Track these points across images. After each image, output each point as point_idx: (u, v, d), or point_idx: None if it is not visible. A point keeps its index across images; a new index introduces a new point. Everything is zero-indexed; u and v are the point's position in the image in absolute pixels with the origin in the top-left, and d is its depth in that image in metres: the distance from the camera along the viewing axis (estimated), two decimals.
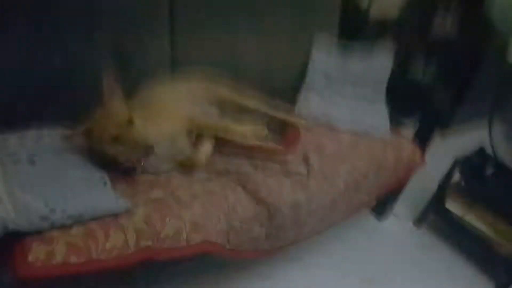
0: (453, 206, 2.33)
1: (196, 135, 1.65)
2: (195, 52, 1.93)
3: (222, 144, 1.74)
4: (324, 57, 2.21)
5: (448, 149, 2.53)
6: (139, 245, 1.29)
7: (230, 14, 1.99)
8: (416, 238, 2.42)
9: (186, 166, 1.60)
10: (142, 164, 1.45)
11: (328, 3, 2.32)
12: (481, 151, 2.33)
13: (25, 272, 1.12)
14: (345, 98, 2.16)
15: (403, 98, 2.27)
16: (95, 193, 1.33)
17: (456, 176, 2.36)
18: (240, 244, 1.53)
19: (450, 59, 2.81)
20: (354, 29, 2.43)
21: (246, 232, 1.54)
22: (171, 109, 1.62)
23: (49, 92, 1.56)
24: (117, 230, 1.28)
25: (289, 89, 2.21)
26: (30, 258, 1.14)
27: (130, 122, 1.37)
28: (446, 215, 2.34)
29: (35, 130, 1.49)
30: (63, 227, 1.22)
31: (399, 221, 2.50)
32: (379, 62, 2.19)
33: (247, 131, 1.70)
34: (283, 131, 1.91)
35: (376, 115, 2.13)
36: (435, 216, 2.43)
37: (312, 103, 2.12)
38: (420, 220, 2.47)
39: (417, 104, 2.29)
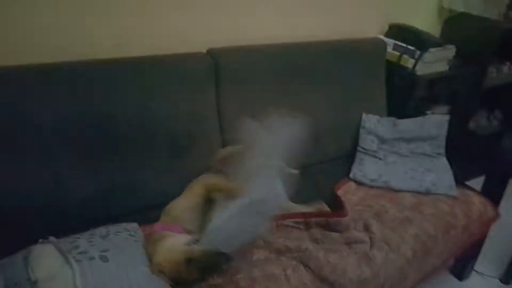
0: None
1: None
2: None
3: (279, 217, 1.72)
4: (375, 120, 2.19)
5: None
6: None
7: (274, 89, 2.05)
8: None
9: None
10: None
11: (374, 67, 2.36)
12: None
13: None
14: (402, 157, 2.10)
15: (467, 152, 2.19)
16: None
17: None
18: None
19: None
20: (402, 89, 2.40)
21: None
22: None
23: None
24: None
25: (342, 154, 2.19)
26: None
27: None
28: None
29: (102, 227, 1.55)
30: None
31: (484, 278, 2.31)
32: (434, 119, 2.13)
33: None
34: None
35: (437, 172, 2.04)
36: None
37: (367, 166, 2.08)
38: (506, 276, 2.26)
39: (484, 156, 2.18)
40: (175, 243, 1.45)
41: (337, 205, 1.85)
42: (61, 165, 1.59)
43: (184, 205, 1.61)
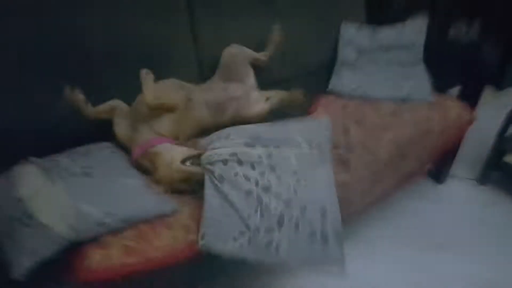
0: None
1: None
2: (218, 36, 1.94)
3: None
4: (354, 30, 2.18)
5: (503, 103, 2.39)
6: (188, 240, 1.38)
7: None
8: (479, 196, 2.34)
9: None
10: None
11: None
12: None
13: (85, 277, 1.24)
14: (379, 66, 2.11)
15: (446, 60, 2.20)
16: (144, 197, 1.43)
17: None
18: None
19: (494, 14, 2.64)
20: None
21: None
22: None
23: None
24: (166, 229, 1.38)
25: (322, 67, 2.20)
26: (89, 263, 1.25)
27: None
28: (507, 168, 2.25)
29: (82, 147, 1.60)
30: (117, 231, 1.32)
31: (460, 181, 2.42)
32: (413, 25, 2.12)
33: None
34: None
35: (415, 79, 2.07)
36: (496, 171, 2.34)
37: (346, 78, 2.10)
38: (482, 178, 2.38)
39: (462, 64, 2.20)
40: (173, 159, 1.51)
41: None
42: (28, 85, 1.55)
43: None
